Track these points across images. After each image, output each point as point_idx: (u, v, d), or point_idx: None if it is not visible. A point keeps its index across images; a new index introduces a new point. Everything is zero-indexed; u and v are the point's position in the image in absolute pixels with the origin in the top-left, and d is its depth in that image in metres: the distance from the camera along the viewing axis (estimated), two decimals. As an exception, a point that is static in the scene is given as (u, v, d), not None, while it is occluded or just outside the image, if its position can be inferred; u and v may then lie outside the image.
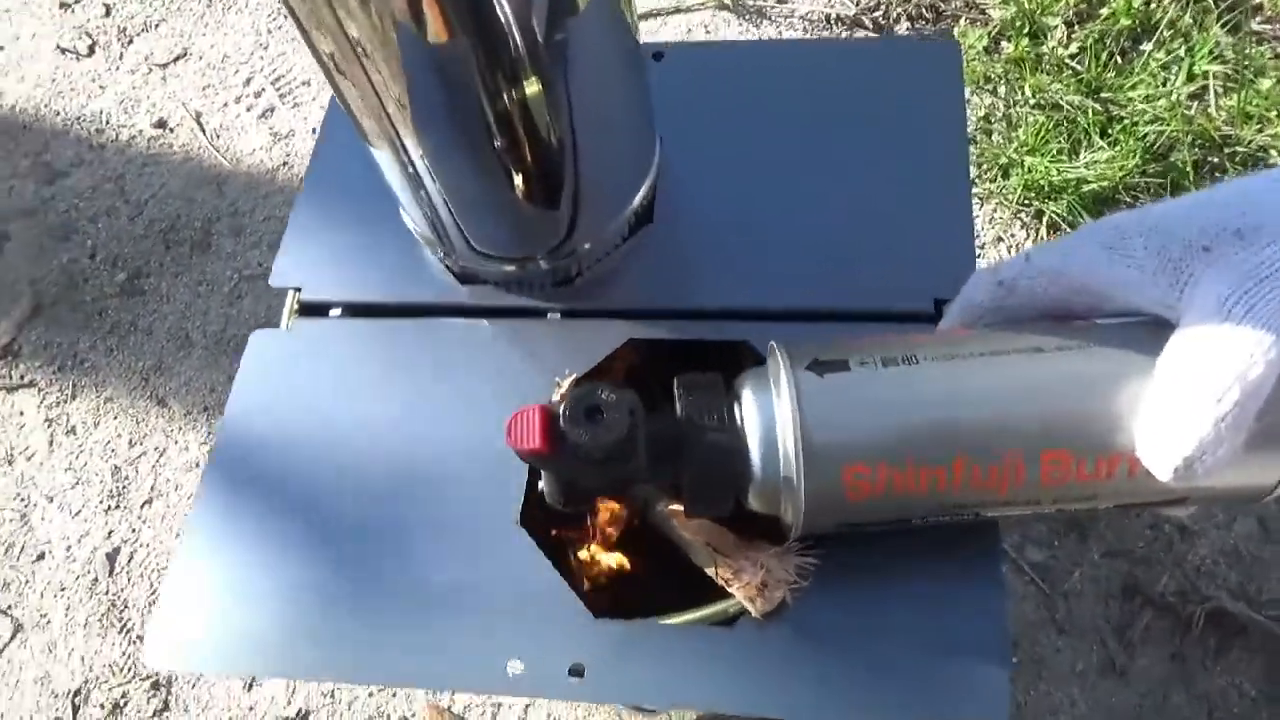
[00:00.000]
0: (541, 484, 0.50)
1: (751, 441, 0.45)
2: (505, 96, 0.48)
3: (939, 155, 0.65)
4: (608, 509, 0.69)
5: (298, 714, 1.10)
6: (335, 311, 0.65)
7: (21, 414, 1.36)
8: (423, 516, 0.56)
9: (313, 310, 0.65)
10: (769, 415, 0.45)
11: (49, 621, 1.20)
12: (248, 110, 1.60)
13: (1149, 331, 0.40)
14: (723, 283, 0.62)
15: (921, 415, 0.43)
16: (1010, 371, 0.43)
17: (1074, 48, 1.44)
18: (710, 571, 0.52)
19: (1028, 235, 1.33)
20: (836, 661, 0.48)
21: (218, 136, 1.58)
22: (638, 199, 0.62)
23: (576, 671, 0.49)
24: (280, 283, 0.66)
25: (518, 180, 0.55)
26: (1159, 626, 1.07)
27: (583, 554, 0.59)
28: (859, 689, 0.47)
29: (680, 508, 0.57)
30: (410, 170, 0.55)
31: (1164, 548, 1.11)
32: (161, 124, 1.60)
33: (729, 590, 0.51)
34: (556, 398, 0.58)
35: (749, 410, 0.46)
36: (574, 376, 0.58)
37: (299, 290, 0.65)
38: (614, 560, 0.59)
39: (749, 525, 0.53)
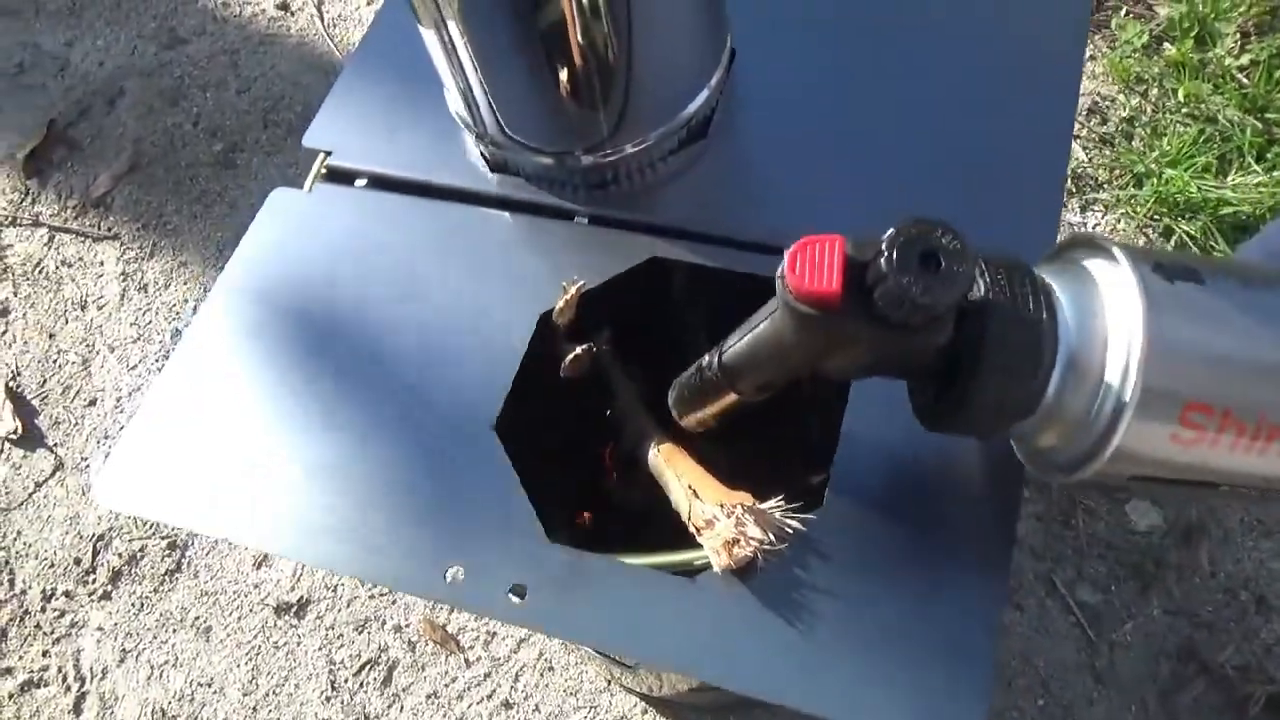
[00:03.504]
0: (727, 349, 0.41)
1: (1064, 346, 0.35)
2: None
3: (1043, 110, 0.57)
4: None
5: (299, 600, 1.10)
6: (361, 182, 0.62)
7: (101, 264, 1.39)
8: (399, 403, 0.52)
9: (339, 177, 0.62)
10: (1095, 315, 0.34)
11: (88, 466, 1.23)
12: (368, 4, 1.58)
13: None
14: (769, 215, 0.56)
15: None
16: None
17: (1245, 59, 1.30)
18: (684, 517, 0.47)
19: (1150, 254, 1.21)
20: (798, 639, 0.42)
21: (334, 26, 1.57)
22: (693, 107, 0.56)
23: (518, 592, 0.45)
24: (313, 143, 0.63)
25: (558, 60, 0.50)
26: (1211, 700, 0.97)
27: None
28: (815, 672, 0.42)
29: (668, 447, 0.52)
30: (444, 32, 0.50)
31: (1235, 616, 1.00)
32: (284, 6, 1.60)
33: (698, 540, 0.46)
34: (560, 304, 0.53)
35: (1069, 303, 0.36)
36: (581, 284, 0.53)
37: (329, 154, 0.62)
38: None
39: (742, 473, 0.48)
